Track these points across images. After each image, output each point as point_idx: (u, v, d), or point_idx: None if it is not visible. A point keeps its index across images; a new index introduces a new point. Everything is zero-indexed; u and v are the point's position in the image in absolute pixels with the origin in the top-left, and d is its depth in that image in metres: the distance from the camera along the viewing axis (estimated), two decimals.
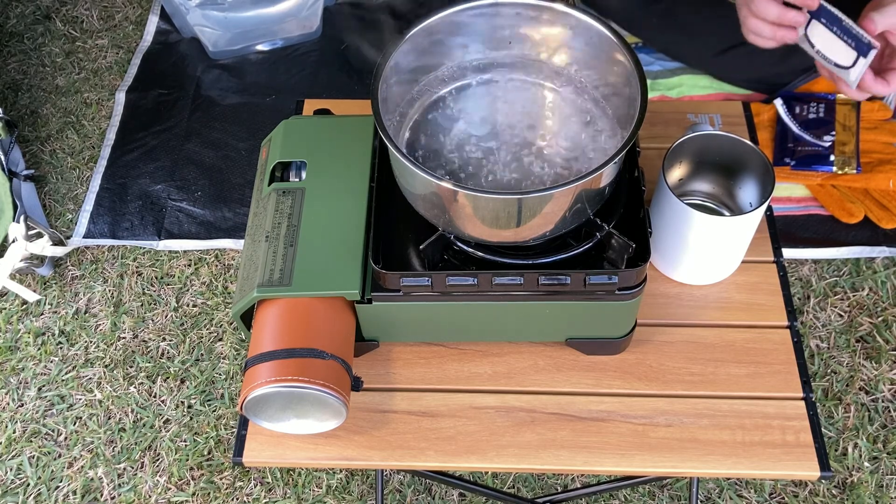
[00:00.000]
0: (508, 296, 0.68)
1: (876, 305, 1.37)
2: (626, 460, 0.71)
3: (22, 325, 1.44)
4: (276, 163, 0.75)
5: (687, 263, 0.78)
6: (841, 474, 1.23)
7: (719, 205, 0.81)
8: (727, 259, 0.78)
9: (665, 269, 0.81)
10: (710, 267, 0.79)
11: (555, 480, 1.25)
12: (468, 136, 0.72)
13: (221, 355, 1.39)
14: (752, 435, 0.71)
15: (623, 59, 0.67)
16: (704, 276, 0.80)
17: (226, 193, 1.58)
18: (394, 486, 1.25)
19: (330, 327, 0.68)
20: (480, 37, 0.73)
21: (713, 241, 0.75)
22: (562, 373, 0.75)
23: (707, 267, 0.79)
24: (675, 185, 0.80)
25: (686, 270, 0.79)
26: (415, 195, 0.67)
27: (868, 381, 1.30)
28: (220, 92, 1.74)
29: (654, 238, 0.78)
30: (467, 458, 0.71)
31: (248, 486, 1.26)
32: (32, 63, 1.85)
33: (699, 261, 0.78)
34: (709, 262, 0.78)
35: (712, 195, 0.81)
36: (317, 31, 1.82)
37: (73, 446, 1.31)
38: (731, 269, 0.80)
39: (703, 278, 0.80)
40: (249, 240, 0.73)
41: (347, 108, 0.88)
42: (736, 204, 0.80)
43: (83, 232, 1.54)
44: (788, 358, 0.75)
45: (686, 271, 0.79)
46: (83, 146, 1.69)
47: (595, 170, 0.60)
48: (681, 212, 0.72)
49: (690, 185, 0.81)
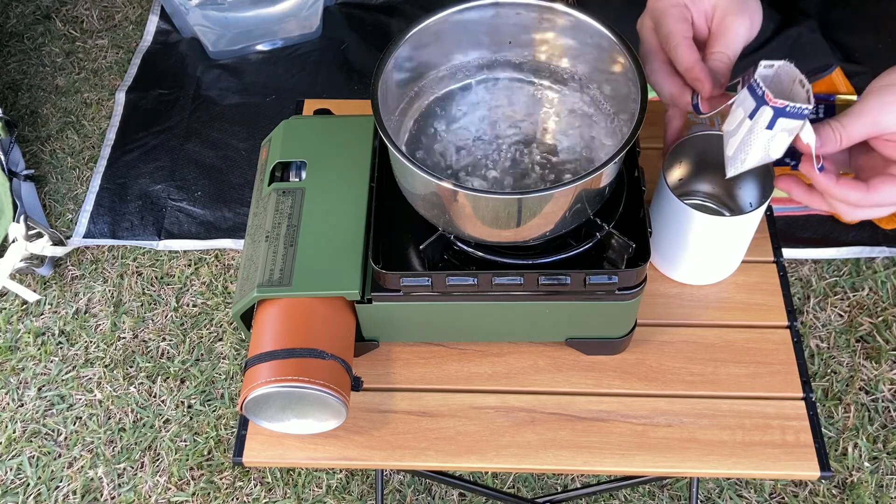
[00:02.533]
0: (508, 296, 0.68)
1: (876, 305, 1.37)
2: (626, 460, 0.71)
3: (22, 325, 1.44)
4: (276, 163, 0.75)
5: (687, 264, 0.78)
6: (841, 474, 1.23)
7: (719, 205, 0.81)
8: (727, 259, 0.78)
9: (665, 270, 0.81)
10: (710, 267, 0.79)
11: (555, 480, 1.25)
12: (468, 136, 0.72)
13: (221, 355, 1.39)
14: (752, 435, 0.71)
15: (623, 59, 0.67)
16: (704, 276, 0.80)
17: (226, 193, 1.58)
18: (394, 486, 1.25)
19: (330, 327, 0.68)
20: (480, 36, 0.73)
21: (713, 241, 0.74)
22: (562, 373, 0.75)
23: (707, 267, 0.79)
24: (675, 186, 0.80)
25: (686, 271, 0.79)
26: (415, 195, 0.67)
27: (868, 381, 1.30)
28: (220, 92, 1.74)
29: (654, 238, 0.78)
30: (467, 458, 0.71)
31: (248, 486, 1.26)
32: (32, 63, 1.85)
33: (699, 261, 0.78)
34: (709, 262, 0.78)
35: (712, 195, 0.81)
36: (317, 31, 1.82)
37: (73, 446, 1.31)
38: (730, 270, 0.80)
39: (704, 278, 0.80)
40: (249, 240, 0.73)
41: (347, 108, 0.88)
42: (736, 204, 0.79)
43: (83, 232, 1.54)
44: (788, 358, 0.75)
45: (686, 271, 0.79)
46: (83, 146, 1.69)
47: (595, 170, 0.60)
48: (681, 212, 0.72)
49: (691, 185, 0.81)
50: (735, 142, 0.65)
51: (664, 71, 0.68)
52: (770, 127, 0.61)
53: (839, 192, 0.61)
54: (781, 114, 0.60)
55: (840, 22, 1.47)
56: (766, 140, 0.62)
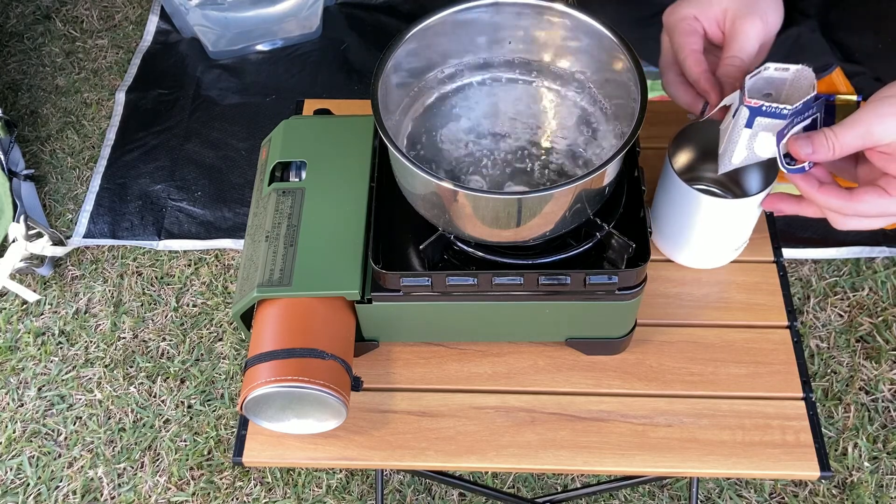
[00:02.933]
0: (508, 296, 0.68)
1: (876, 305, 1.37)
2: (626, 460, 0.71)
3: (22, 325, 1.44)
4: (276, 163, 0.75)
5: (690, 246, 0.79)
6: (841, 474, 1.23)
7: (725, 191, 0.81)
8: (729, 243, 0.78)
9: (669, 252, 0.81)
10: (712, 250, 0.79)
11: (555, 480, 1.25)
12: (468, 136, 0.72)
13: (221, 355, 1.39)
14: (751, 435, 0.71)
15: (623, 59, 0.67)
16: (707, 259, 0.80)
17: (226, 193, 1.58)
18: (394, 486, 1.25)
19: (330, 327, 0.68)
20: (480, 36, 0.73)
21: (716, 224, 0.75)
22: (562, 373, 0.75)
23: (710, 250, 0.79)
24: (681, 171, 0.80)
25: (689, 254, 0.80)
26: (415, 195, 0.67)
27: (868, 381, 1.30)
28: (220, 92, 1.74)
29: (658, 221, 0.79)
30: (467, 458, 0.71)
31: (248, 486, 1.26)
32: (32, 63, 1.85)
33: (702, 244, 0.78)
34: (711, 244, 0.78)
35: (718, 182, 0.81)
36: (317, 31, 1.82)
37: (73, 446, 1.31)
38: (732, 255, 0.80)
39: (706, 261, 0.80)
40: (249, 240, 0.73)
41: (347, 108, 0.88)
42: (741, 191, 0.80)
43: (83, 232, 1.54)
44: (788, 358, 0.75)
45: (689, 255, 0.80)
46: (83, 146, 1.69)
47: (595, 170, 0.60)
48: (685, 194, 0.72)
49: (697, 171, 0.81)
50: (724, 139, 0.67)
51: (678, 82, 0.71)
52: (749, 125, 0.63)
53: (821, 198, 0.62)
54: (758, 113, 0.62)
55: (840, 22, 1.46)
56: (748, 138, 0.64)
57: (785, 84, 0.66)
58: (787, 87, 0.66)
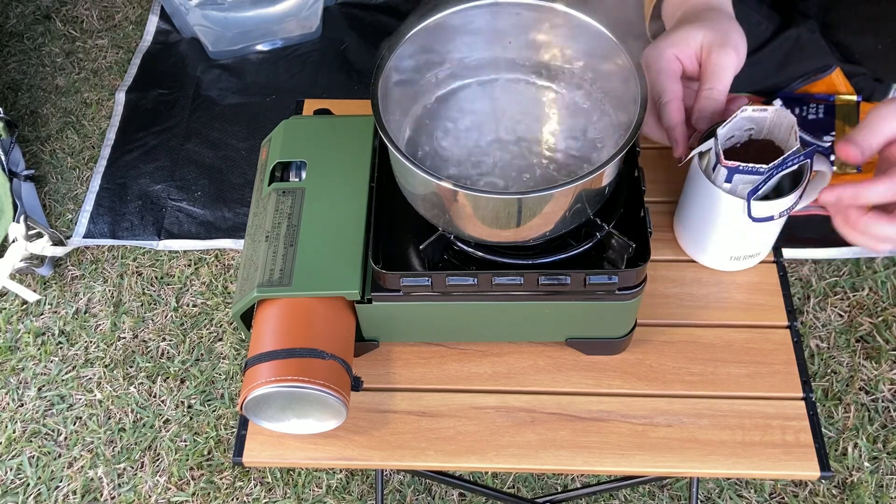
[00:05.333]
0: (508, 296, 0.68)
1: (876, 305, 1.37)
2: (626, 460, 0.71)
3: (22, 325, 1.44)
4: (276, 163, 0.75)
5: (714, 247, 0.78)
6: (841, 474, 1.23)
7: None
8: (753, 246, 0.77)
9: (692, 252, 0.81)
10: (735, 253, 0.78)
11: (555, 480, 1.25)
12: (468, 136, 0.72)
13: (221, 355, 1.39)
14: (752, 435, 0.71)
15: (623, 59, 0.67)
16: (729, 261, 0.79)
17: (226, 193, 1.58)
18: (394, 486, 1.25)
19: (330, 327, 0.68)
20: (480, 37, 0.73)
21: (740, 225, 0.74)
22: (562, 373, 0.75)
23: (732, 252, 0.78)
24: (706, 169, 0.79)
25: (712, 255, 0.79)
26: (415, 195, 0.67)
27: (868, 381, 1.30)
28: (220, 92, 1.74)
29: (683, 219, 0.80)
30: (467, 458, 0.71)
31: (248, 486, 1.26)
32: (32, 63, 1.85)
33: (724, 244, 0.77)
34: (735, 246, 0.77)
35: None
36: (317, 31, 1.82)
37: (73, 446, 1.31)
38: (756, 259, 0.79)
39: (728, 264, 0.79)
40: (249, 240, 0.73)
41: (347, 108, 0.88)
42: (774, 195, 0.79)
43: (83, 232, 1.54)
44: (788, 358, 0.75)
45: (712, 256, 0.79)
46: (83, 146, 1.69)
47: (595, 170, 0.60)
48: (710, 193, 0.72)
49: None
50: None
51: (653, 123, 0.74)
52: (728, 181, 0.69)
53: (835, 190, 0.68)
54: (736, 171, 0.68)
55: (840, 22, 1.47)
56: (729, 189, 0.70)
57: (766, 121, 0.70)
58: (769, 123, 0.70)
